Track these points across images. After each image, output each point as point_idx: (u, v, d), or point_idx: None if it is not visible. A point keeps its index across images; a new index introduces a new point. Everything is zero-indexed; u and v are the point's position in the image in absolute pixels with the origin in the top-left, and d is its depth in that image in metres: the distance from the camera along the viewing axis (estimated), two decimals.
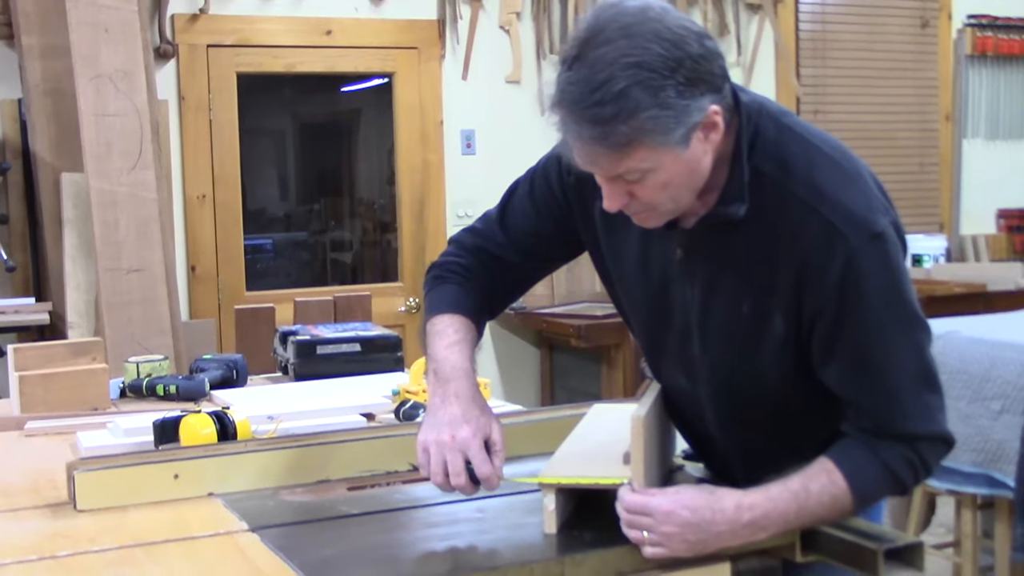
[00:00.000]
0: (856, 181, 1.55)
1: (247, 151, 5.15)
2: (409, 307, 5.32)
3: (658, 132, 1.42)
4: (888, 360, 1.53)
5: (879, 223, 1.51)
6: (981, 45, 6.51)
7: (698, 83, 1.44)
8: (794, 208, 1.53)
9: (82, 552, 1.56)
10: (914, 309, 1.55)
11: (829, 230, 1.50)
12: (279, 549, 1.53)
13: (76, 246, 4.00)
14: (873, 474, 1.55)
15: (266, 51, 5.06)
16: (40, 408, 2.48)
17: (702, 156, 1.50)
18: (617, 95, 1.40)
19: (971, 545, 3.38)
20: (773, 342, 1.58)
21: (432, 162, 5.37)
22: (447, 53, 5.36)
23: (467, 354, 1.71)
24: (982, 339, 3.29)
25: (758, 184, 1.55)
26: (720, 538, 1.49)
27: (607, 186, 1.52)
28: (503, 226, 1.82)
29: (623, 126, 1.41)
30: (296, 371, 2.86)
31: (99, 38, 3.89)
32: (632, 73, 1.40)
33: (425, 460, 1.61)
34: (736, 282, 1.59)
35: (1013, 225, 6.66)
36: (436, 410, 1.64)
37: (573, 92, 1.42)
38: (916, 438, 1.55)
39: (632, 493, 1.50)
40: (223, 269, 5.03)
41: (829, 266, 1.50)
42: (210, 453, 1.84)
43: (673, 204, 1.53)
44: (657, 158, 1.45)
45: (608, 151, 1.44)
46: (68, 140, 4.08)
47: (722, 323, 1.61)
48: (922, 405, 1.55)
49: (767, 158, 1.55)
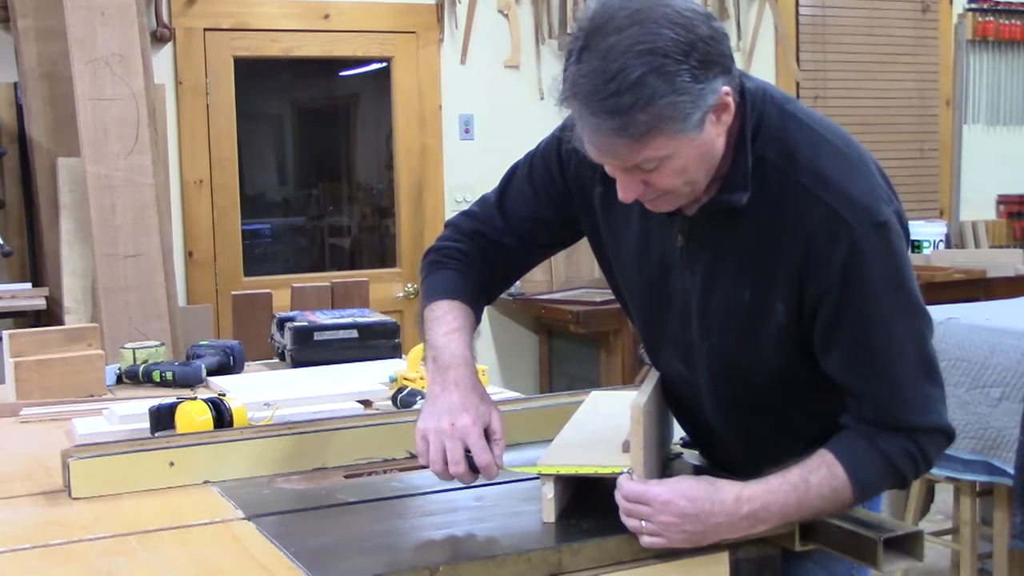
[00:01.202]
0: (860, 169, 1.55)
1: (245, 136, 5.13)
2: (407, 293, 5.31)
3: (676, 119, 1.41)
4: (890, 348, 1.52)
5: (883, 211, 1.51)
6: (982, 30, 6.48)
7: (711, 65, 1.42)
8: (797, 196, 1.52)
9: (76, 540, 1.55)
10: (916, 298, 1.54)
11: (833, 218, 1.49)
12: (275, 537, 1.52)
13: (73, 231, 3.99)
14: (873, 466, 1.54)
15: (264, 35, 5.04)
16: (36, 394, 2.47)
17: (715, 138, 1.49)
18: (633, 84, 1.37)
19: (969, 532, 3.37)
20: (773, 329, 1.57)
21: (430, 147, 5.36)
22: (446, 37, 5.34)
23: (466, 341, 1.69)
24: (981, 326, 3.28)
25: (761, 171, 1.54)
26: (718, 529, 1.48)
27: (622, 177, 1.50)
28: (501, 210, 1.80)
29: (641, 115, 1.39)
30: (293, 357, 2.85)
31: (95, 21, 3.87)
32: (647, 60, 1.38)
33: (424, 448, 1.60)
34: (737, 269, 1.58)
35: (1013, 211, 6.65)
36: (435, 398, 1.63)
37: (587, 84, 1.40)
38: (916, 429, 1.55)
39: (631, 482, 1.49)
40: (220, 254, 5.02)
41: (832, 254, 1.49)
42: (206, 440, 1.84)
43: (689, 188, 1.52)
44: (674, 145, 1.44)
45: (627, 141, 1.42)
46: (64, 124, 4.06)
47: (722, 310, 1.60)
48: (922, 395, 1.55)
49: (771, 145, 1.54)
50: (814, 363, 1.58)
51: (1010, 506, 3.15)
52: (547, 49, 5.44)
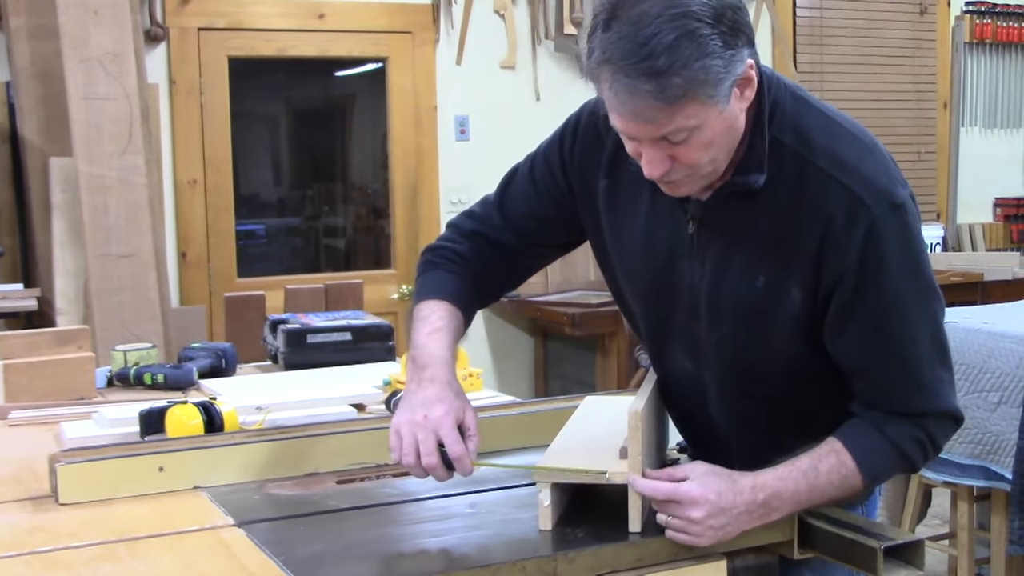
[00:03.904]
0: (875, 153, 1.56)
1: (239, 136, 5.11)
2: (402, 294, 5.29)
3: (710, 83, 1.41)
4: (905, 330, 1.53)
5: (900, 194, 1.52)
6: (980, 32, 6.48)
7: (739, 34, 1.43)
8: (814, 178, 1.52)
9: (62, 547, 1.52)
10: (931, 280, 1.56)
11: (851, 199, 1.50)
12: (265, 544, 1.50)
13: (65, 231, 3.96)
14: (882, 454, 1.55)
15: (258, 35, 5.01)
16: (25, 397, 2.44)
17: (739, 114, 1.49)
18: (669, 47, 1.37)
19: (967, 537, 3.36)
20: (786, 317, 1.56)
21: (426, 148, 5.33)
22: (441, 38, 5.32)
23: (446, 342, 1.68)
24: (979, 329, 3.27)
25: (777, 154, 1.54)
26: (739, 520, 1.49)
27: (649, 151, 1.48)
28: (501, 209, 1.80)
29: (677, 78, 1.38)
30: (286, 360, 2.82)
31: (88, 20, 3.85)
32: (680, 24, 1.38)
33: (397, 443, 1.57)
34: (751, 256, 1.57)
35: (1010, 214, 6.65)
36: (411, 395, 1.62)
37: (620, 48, 1.39)
38: (925, 415, 1.56)
39: (656, 481, 1.48)
40: (214, 255, 4.99)
41: (851, 235, 1.49)
42: (196, 445, 1.81)
43: (712, 167, 1.51)
44: (705, 114, 1.43)
45: (663, 105, 1.41)
46: (57, 124, 4.04)
47: (733, 298, 1.59)
48: (935, 379, 1.56)
49: (786, 128, 1.55)
50: (823, 354, 1.58)
51: (1008, 511, 3.13)
52: (543, 50, 5.41)
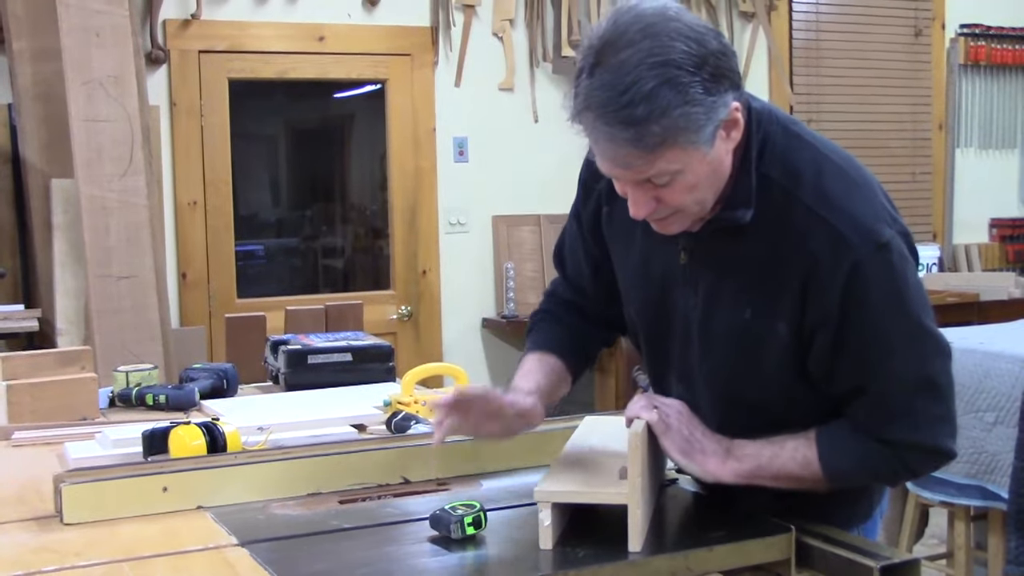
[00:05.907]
0: (864, 190, 1.56)
1: (239, 157, 5.13)
2: (400, 315, 5.30)
3: (690, 130, 1.42)
4: (884, 367, 1.53)
5: (885, 233, 1.52)
6: (974, 54, 6.52)
7: (721, 79, 1.44)
8: (801, 215, 1.53)
9: (68, 567, 1.53)
10: (922, 322, 1.54)
11: (836, 238, 1.50)
12: (268, 564, 1.51)
13: (66, 252, 3.98)
14: (849, 459, 1.58)
15: (258, 57, 5.04)
16: (28, 417, 2.45)
17: (724, 156, 1.51)
18: (647, 95, 1.39)
19: (964, 557, 3.37)
20: (775, 349, 1.58)
21: (424, 169, 5.36)
22: (440, 60, 5.35)
23: (532, 378, 1.80)
24: (975, 350, 3.28)
25: (766, 190, 1.55)
26: (704, 443, 1.60)
27: (633, 192, 1.51)
28: (564, 273, 1.93)
29: (655, 126, 1.40)
30: (287, 381, 2.83)
31: (90, 43, 3.87)
32: (660, 72, 1.39)
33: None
34: (739, 288, 1.59)
35: (1006, 234, 6.67)
36: None
37: (601, 96, 1.41)
38: (897, 444, 1.56)
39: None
40: (214, 276, 5.01)
41: (835, 274, 1.50)
42: (200, 465, 1.82)
43: (698, 207, 1.53)
44: (687, 158, 1.45)
45: (641, 152, 1.43)
46: (58, 145, 4.06)
47: (723, 329, 1.61)
48: (913, 412, 1.55)
49: (775, 164, 1.56)
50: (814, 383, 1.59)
51: (1005, 531, 3.14)
52: (541, 72, 5.45)
